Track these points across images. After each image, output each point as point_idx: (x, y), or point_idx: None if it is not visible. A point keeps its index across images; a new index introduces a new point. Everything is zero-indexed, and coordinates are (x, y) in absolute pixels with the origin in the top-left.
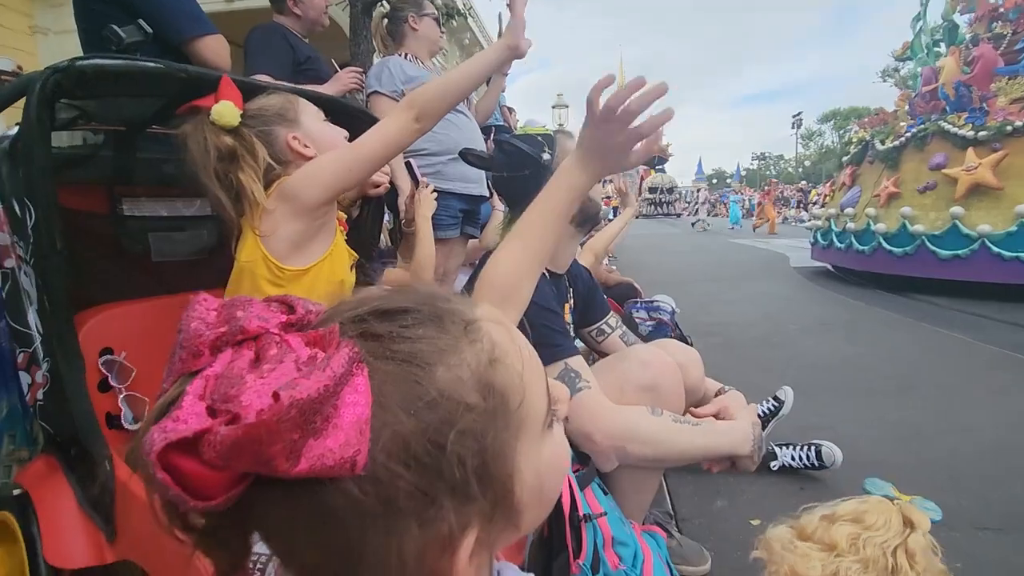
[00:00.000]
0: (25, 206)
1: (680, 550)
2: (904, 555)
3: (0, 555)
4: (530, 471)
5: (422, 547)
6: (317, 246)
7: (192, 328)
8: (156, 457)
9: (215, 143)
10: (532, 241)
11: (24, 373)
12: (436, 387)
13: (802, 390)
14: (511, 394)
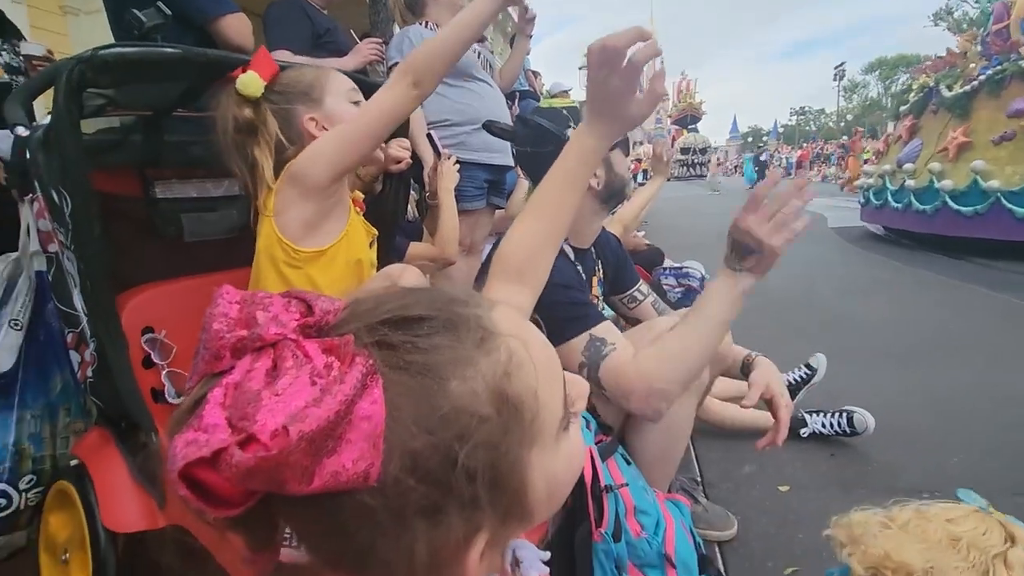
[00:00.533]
0: (62, 194)
1: (705, 515)
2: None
3: (63, 521)
4: (542, 478)
5: (432, 552)
6: (331, 226)
7: (214, 329)
8: (179, 475)
9: (234, 114)
10: (546, 214)
11: (74, 352)
12: (450, 401)
13: (836, 355)
14: (525, 406)
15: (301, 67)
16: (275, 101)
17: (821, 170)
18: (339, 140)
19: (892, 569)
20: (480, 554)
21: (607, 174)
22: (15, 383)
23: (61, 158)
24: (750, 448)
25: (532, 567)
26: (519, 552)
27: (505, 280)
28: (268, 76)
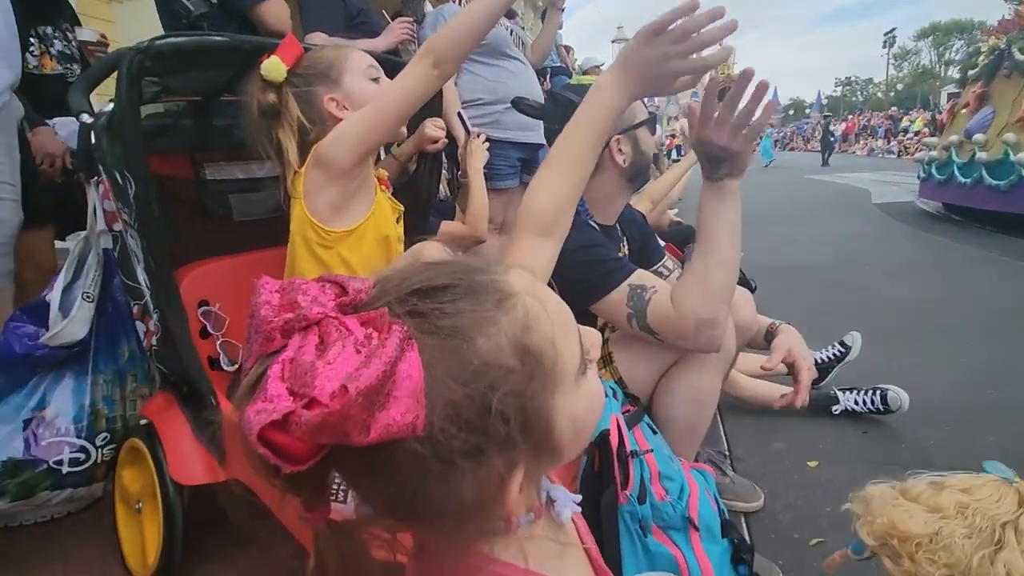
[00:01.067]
0: (126, 177)
1: (732, 487)
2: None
3: (134, 474)
4: (565, 418)
5: (477, 488)
6: (358, 207)
7: (262, 315)
8: (256, 437)
9: (258, 99)
10: (567, 168)
11: (139, 323)
12: (479, 356)
13: (873, 334)
14: (545, 355)
15: (321, 48)
16: (296, 84)
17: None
18: (361, 124)
19: (898, 538)
20: (519, 487)
21: (633, 152)
22: (89, 350)
23: (123, 143)
24: (779, 424)
25: (565, 505)
26: (553, 493)
27: (532, 234)
28: (292, 60)
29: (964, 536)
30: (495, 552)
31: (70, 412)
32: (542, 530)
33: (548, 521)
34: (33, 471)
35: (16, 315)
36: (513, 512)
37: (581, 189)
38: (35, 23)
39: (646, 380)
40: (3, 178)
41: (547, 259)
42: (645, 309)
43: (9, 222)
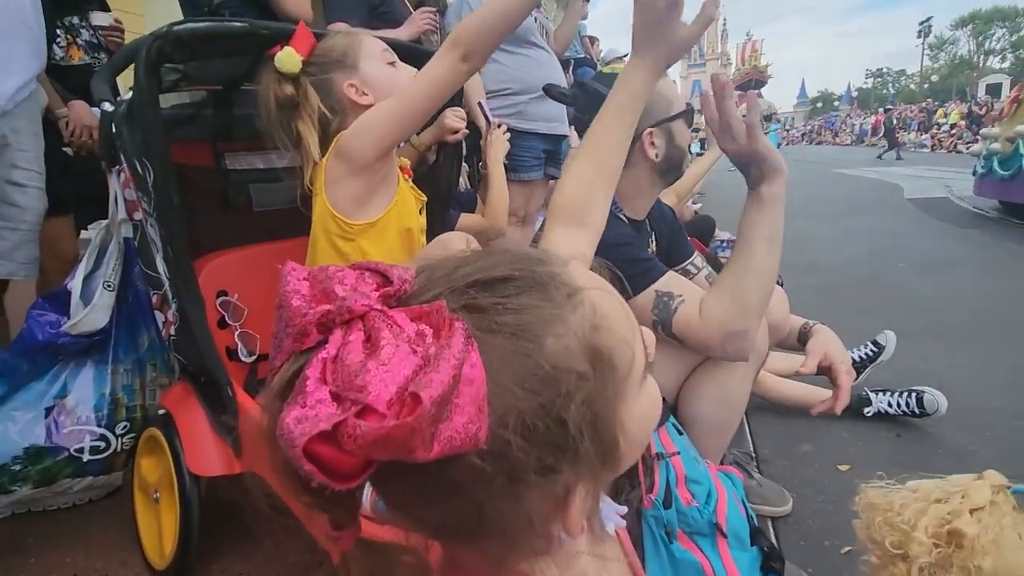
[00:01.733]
0: (145, 165)
1: (759, 490)
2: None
3: (152, 464)
4: (630, 424)
5: (542, 506)
6: (380, 199)
7: (294, 307)
8: (302, 451)
9: (275, 91)
10: (597, 156)
11: (158, 312)
12: (548, 360)
13: (907, 333)
14: (617, 357)
15: (333, 35)
16: (313, 73)
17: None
18: (387, 116)
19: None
20: (581, 503)
21: (667, 146)
22: (110, 339)
23: (143, 131)
24: (807, 425)
25: (609, 518)
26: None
27: (565, 224)
28: (306, 50)
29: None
30: (534, 569)
31: (91, 400)
32: (583, 545)
33: (590, 535)
34: (54, 458)
35: (39, 303)
36: (574, 531)
37: (612, 176)
38: (61, 14)
39: (672, 378)
40: (29, 165)
41: (579, 248)
42: (671, 319)
43: (35, 209)
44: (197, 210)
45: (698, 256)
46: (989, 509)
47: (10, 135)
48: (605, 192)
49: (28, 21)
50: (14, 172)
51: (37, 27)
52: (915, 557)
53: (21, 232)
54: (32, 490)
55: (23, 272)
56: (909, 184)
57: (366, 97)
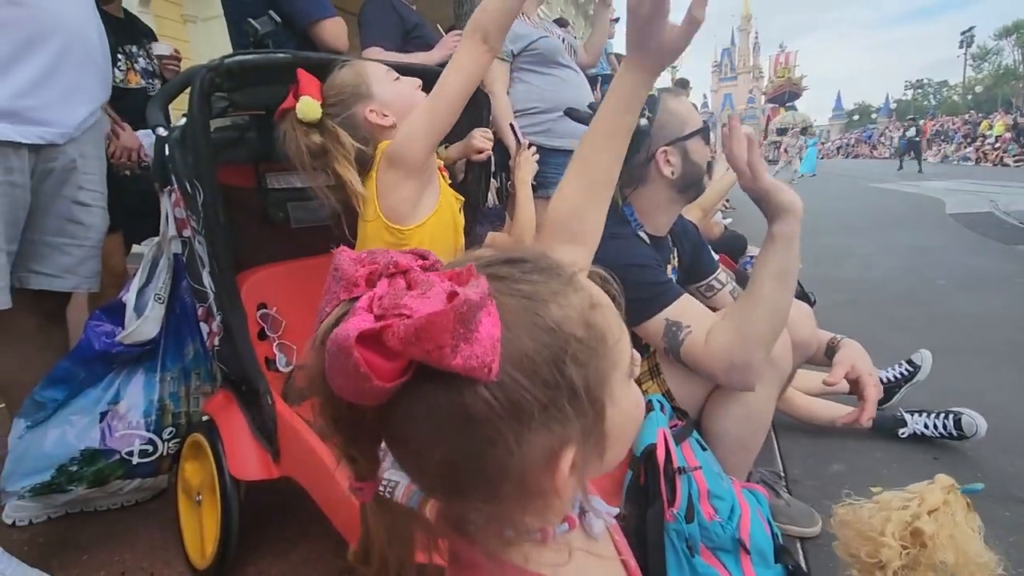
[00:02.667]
0: (195, 186)
1: (787, 510)
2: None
3: (196, 468)
4: (616, 408)
5: (536, 454)
6: (429, 199)
7: (346, 266)
8: (354, 341)
9: (305, 143)
10: (588, 169)
11: (203, 324)
12: (552, 319)
13: (945, 352)
14: (608, 333)
15: (337, 71)
16: (335, 113)
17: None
18: (429, 114)
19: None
20: (570, 466)
21: (684, 163)
22: (159, 349)
23: (194, 155)
24: (838, 445)
25: (599, 516)
26: (586, 504)
27: (559, 240)
28: (318, 93)
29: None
30: (528, 563)
31: (141, 406)
32: (577, 541)
33: (583, 532)
34: (107, 461)
35: (96, 315)
36: (562, 493)
37: (605, 189)
38: (123, 42)
39: (695, 394)
40: (94, 187)
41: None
42: (679, 348)
43: (99, 227)
44: (240, 227)
45: (722, 271)
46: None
47: (78, 159)
48: (598, 206)
49: (95, 56)
50: (80, 193)
51: (103, 61)
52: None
53: (86, 248)
54: (86, 490)
55: (86, 285)
56: (951, 199)
57: (387, 118)
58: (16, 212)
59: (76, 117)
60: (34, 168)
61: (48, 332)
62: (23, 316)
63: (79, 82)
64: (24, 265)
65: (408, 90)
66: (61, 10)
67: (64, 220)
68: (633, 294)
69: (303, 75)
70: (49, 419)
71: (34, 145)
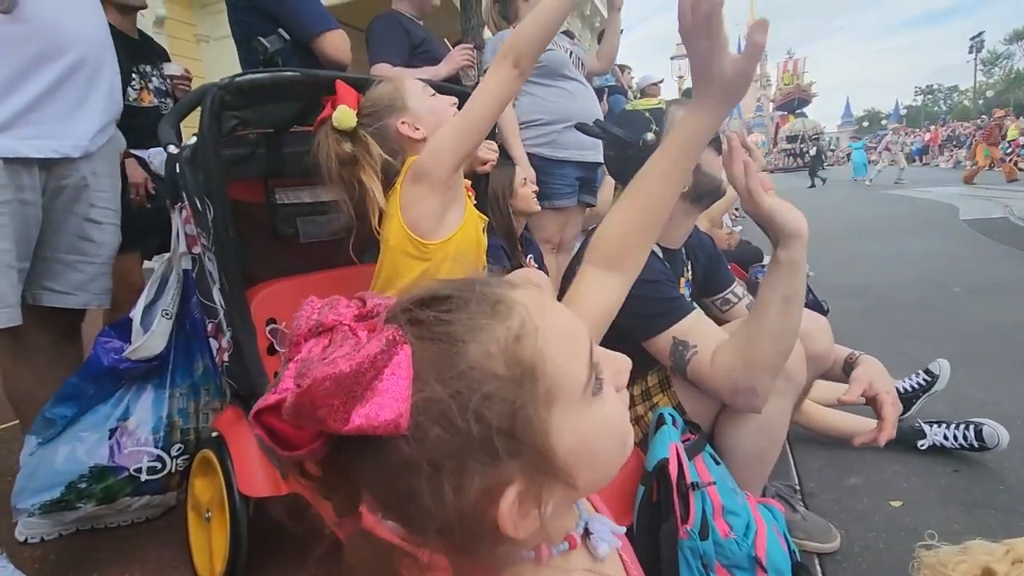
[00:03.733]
0: (205, 203)
1: (804, 524)
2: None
3: (205, 484)
4: (570, 435)
5: (464, 498)
6: (453, 215)
7: (294, 326)
8: (252, 418)
9: (336, 151)
10: (644, 201)
11: (213, 339)
12: (467, 361)
13: (963, 361)
14: (538, 367)
15: (376, 85)
16: (369, 124)
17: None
18: (457, 131)
19: None
20: (511, 504)
21: (695, 174)
22: (167, 365)
23: (205, 172)
24: (855, 458)
25: (603, 538)
26: (591, 524)
27: (597, 265)
28: (355, 104)
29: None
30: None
31: (150, 423)
32: (579, 561)
33: (587, 552)
34: (116, 477)
35: (105, 331)
36: (514, 532)
37: (656, 224)
38: (138, 62)
39: (707, 407)
40: (106, 204)
41: (609, 293)
42: (685, 368)
43: (110, 244)
44: (249, 243)
45: (738, 285)
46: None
47: (90, 177)
48: (646, 240)
49: (105, 71)
50: (92, 211)
51: (113, 77)
52: None
53: (96, 265)
54: (95, 507)
55: (97, 302)
56: (965, 204)
57: (418, 131)
58: (28, 230)
59: (88, 130)
60: (46, 186)
61: (61, 348)
62: (37, 332)
63: (87, 96)
64: (37, 282)
65: (442, 106)
66: (71, 26)
67: (76, 237)
68: (641, 309)
69: (341, 86)
70: (59, 436)
71: (46, 162)
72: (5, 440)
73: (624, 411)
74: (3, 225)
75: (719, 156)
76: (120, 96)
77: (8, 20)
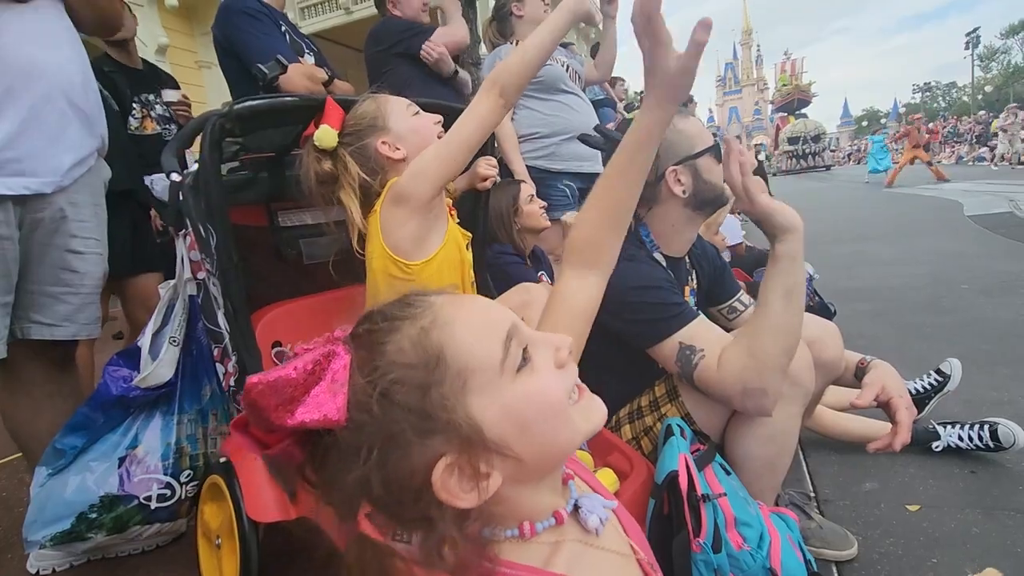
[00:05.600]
0: (208, 230)
1: (820, 532)
2: None
3: (214, 511)
4: (492, 408)
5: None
6: (436, 236)
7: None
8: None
9: (315, 169)
10: (608, 200)
11: (219, 364)
12: (384, 358)
13: (976, 361)
14: (446, 350)
15: (360, 103)
16: (349, 143)
17: (955, 151)
18: (439, 157)
19: None
20: (441, 473)
21: (695, 182)
22: (175, 391)
23: (206, 199)
24: (870, 462)
25: (593, 511)
26: (581, 500)
27: (574, 266)
28: (339, 124)
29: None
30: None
31: (159, 450)
32: (571, 534)
33: (579, 526)
34: (126, 506)
35: (114, 359)
36: (452, 499)
37: (623, 219)
38: (140, 91)
39: (716, 416)
40: (88, 234)
41: (589, 291)
42: (692, 373)
43: (94, 274)
44: (253, 266)
45: (744, 294)
46: None
47: (68, 208)
48: (615, 235)
49: (79, 103)
50: (73, 241)
51: (88, 106)
52: None
53: (82, 296)
54: (106, 537)
55: (85, 332)
56: (969, 200)
57: (399, 151)
58: (7, 264)
59: (61, 165)
60: (21, 220)
61: (58, 380)
62: (30, 366)
63: (62, 131)
64: (25, 315)
65: (425, 126)
66: (39, 58)
67: (58, 269)
68: (645, 315)
69: (330, 104)
70: (69, 466)
71: (19, 197)
72: (17, 471)
73: (565, 385)
74: None
75: (719, 164)
76: (103, 128)
77: None
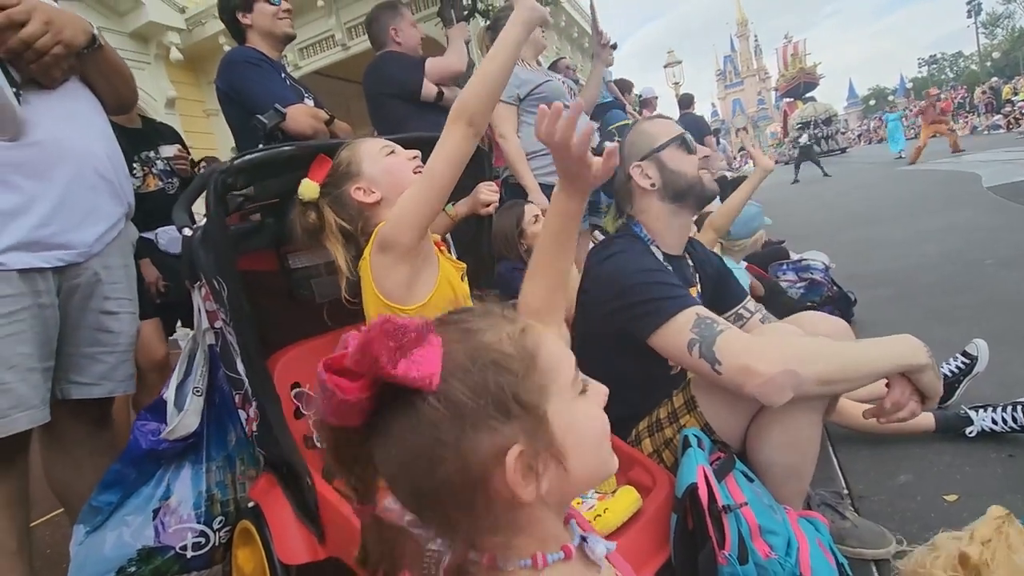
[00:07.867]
0: (219, 281)
1: (856, 531)
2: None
3: (247, 555)
4: (561, 416)
5: (482, 449)
6: (428, 276)
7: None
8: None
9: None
10: (546, 272)
11: (241, 411)
12: (483, 341)
13: (1004, 339)
14: (539, 352)
15: (339, 151)
16: (328, 192)
17: (968, 120)
18: (417, 201)
19: None
20: (515, 458)
21: (662, 173)
22: (202, 440)
23: (215, 252)
24: (903, 453)
25: (598, 544)
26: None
27: None
28: (323, 177)
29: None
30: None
31: (191, 499)
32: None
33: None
34: (163, 557)
35: (142, 414)
36: (517, 489)
37: (562, 281)
38: (139, 150)
39: (735, 424)
40: (121, 295)
41: None
42: (714, 338)
43: (128, 332)
44: (268, 310)
45: (750, 300)
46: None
47: (101, 271)
48: (559, 293)
49: (107, 174)
50: (107, 303)
51: (115, 176)
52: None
53: (117, 354)
54: None
55: (122, 389)
56: (987, 171)
57: (374, 195)
58: (48, 331)
59: (92, 235)
60: (60, 287)
61: (97, 437)
62: (72, 426)
63: (93, 203)
64: (64, 377)
65: (399, 165)
66: (70, 138)
67: (94, 330)
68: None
69: (319, 159)
70: (106, 522)
71: (57, 268)
72: (60, 526)
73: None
74: (23, 331)
75: (689, 155)
76: (130, 191)
77: (14, 145)
